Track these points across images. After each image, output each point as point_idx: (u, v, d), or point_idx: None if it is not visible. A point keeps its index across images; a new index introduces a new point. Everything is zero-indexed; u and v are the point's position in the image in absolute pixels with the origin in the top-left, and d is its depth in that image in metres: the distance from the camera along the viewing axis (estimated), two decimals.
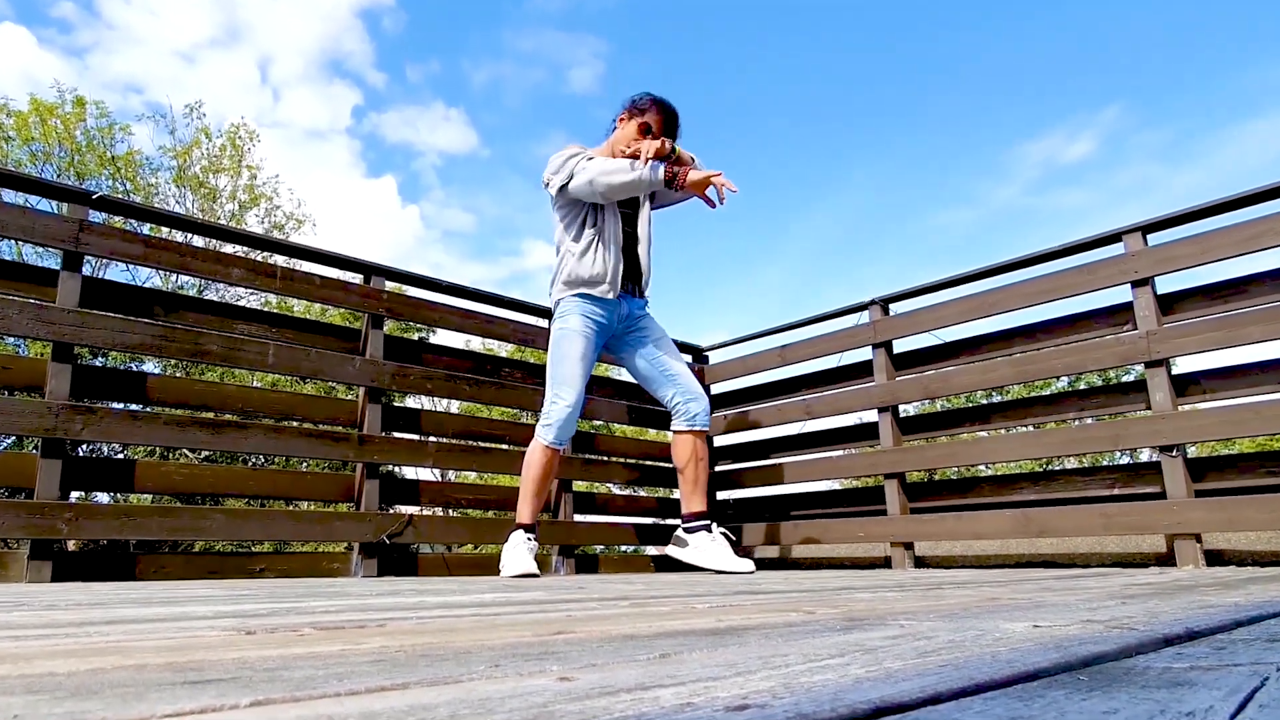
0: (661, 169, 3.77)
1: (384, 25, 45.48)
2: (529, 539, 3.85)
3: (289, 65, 40.31)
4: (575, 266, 3.97)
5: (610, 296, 3.97)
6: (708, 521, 4.05)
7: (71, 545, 12.46)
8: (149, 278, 18.05)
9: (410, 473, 15.94)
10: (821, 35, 54.89)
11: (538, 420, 4.00)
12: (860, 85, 53.69)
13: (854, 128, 53.89)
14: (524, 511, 3.91)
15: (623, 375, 4.86)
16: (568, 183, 3.92)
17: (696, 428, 4.08)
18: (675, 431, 4.15)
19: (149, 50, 33.12)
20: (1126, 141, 45.84)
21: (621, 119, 4.10)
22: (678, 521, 4.19)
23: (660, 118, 4.00)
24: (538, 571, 3.77)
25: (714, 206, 3.86)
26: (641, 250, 4.16)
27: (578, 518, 4.92)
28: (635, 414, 5.29)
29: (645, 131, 3.98)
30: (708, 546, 3.97)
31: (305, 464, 14.62)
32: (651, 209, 4.23)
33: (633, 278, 4.14)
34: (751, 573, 3.87)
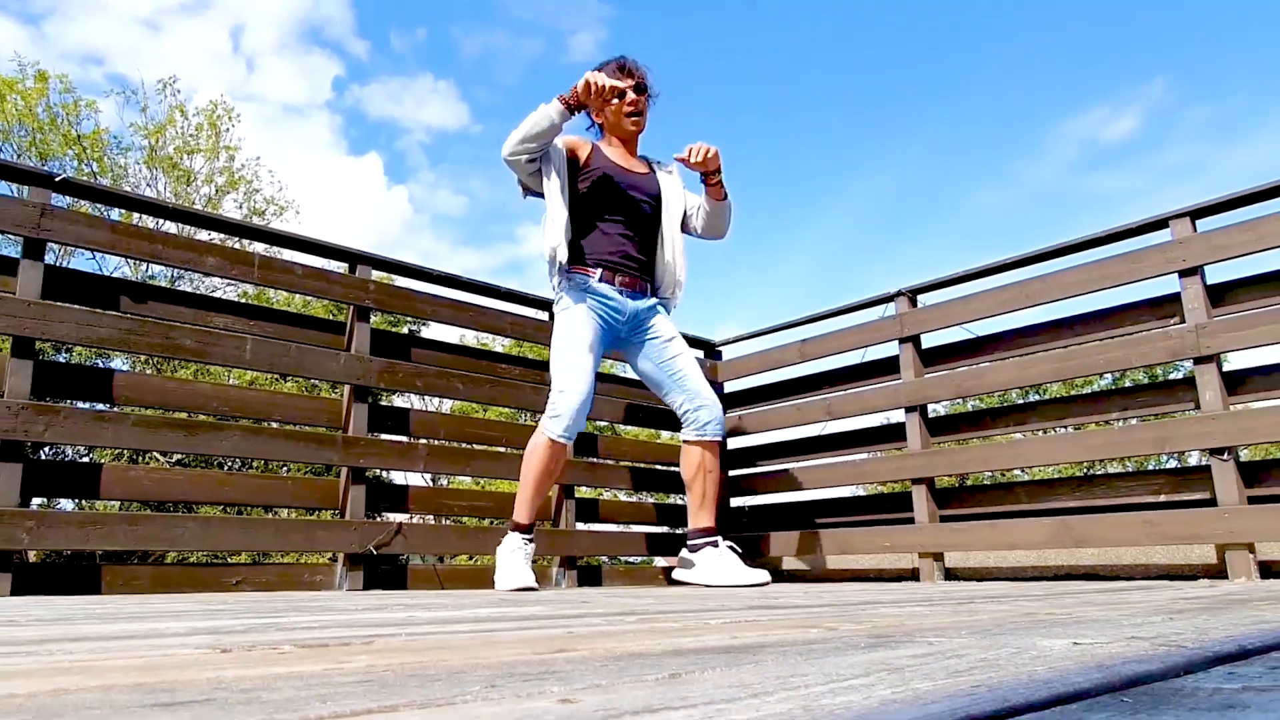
0: (555, 99, 3.82)
1: None
2: (525, 543, 3.85)
3: (263, 33, 40.36)
4: (552, 240, 3.95)
5: (613, 289, 4.01)
6: (714, 537, 4.04)
7: (32, 556, 12.53)
8: (117, 267, 18.11)
9: (399, 477, 15.98)
10: (842, 3, 54.84)
11: (540, 419, 3.99)
12: (887, 60, 53.58)
13: (881, 105, 53.77)
14: (522, 511, 3.90)
15: (627, 371, 4.86)
16: (510, 160, 3.94)
17: (707, 438, 4.07)
18: (684, 441, 4.15)
19: (110, 17, 33.14)
20: (1173, 118, 45.75)
21: (597, 117, 4.20)
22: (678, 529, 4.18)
23: (614, 68, 4.07)
24: (535, 585, 3.76)
25: (687, 163, 4.04)
26: (665, 252, 4.18)
27: (580, 526, 4.92)
28: (641, 413, 5.29)
29: (622, 96, 4.02)
30: (715, 563, 3.97)
31: (286, 468, 14.66)
32: (688, 231, 4.33)
33: (645, 275, 4.17)
34: (766, 584, 3.89)
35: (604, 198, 4.05)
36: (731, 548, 4.00)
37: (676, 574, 4.19)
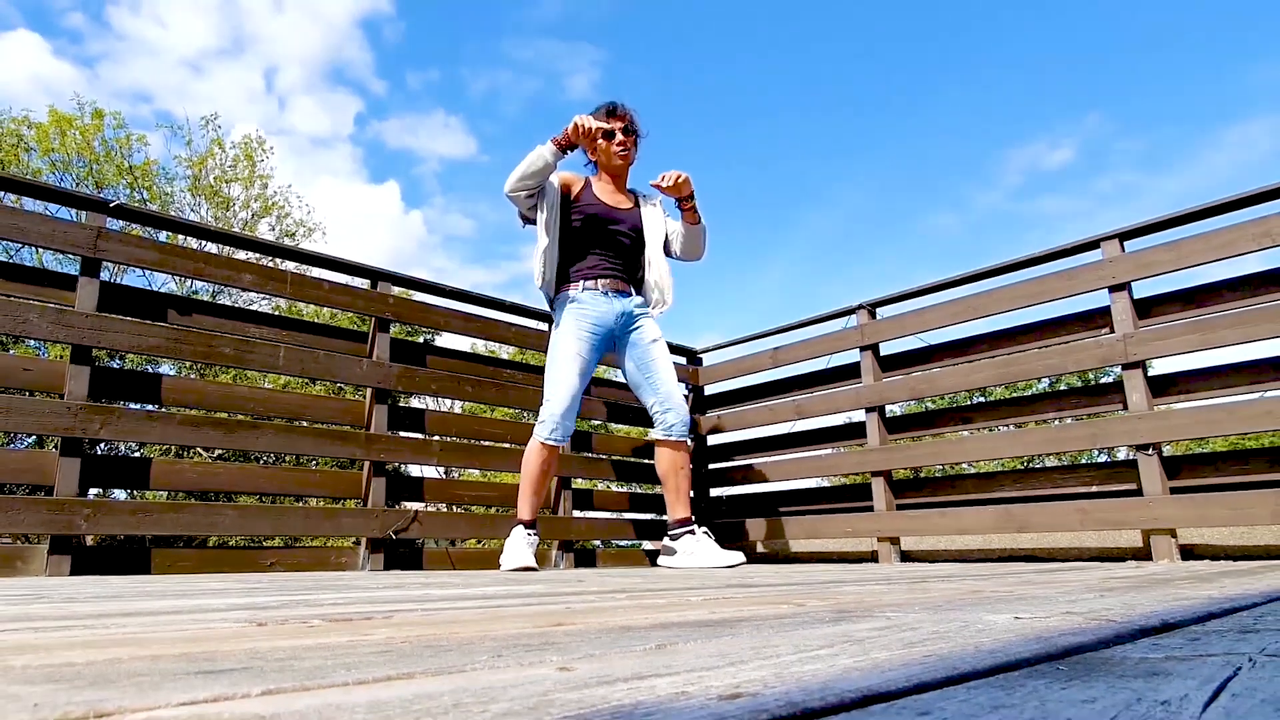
0: (549, 140, 3.87)
1: (384, 34, 45.46)
2: (530, 534, 3.86)
3: (293, 74, 40.29)
4: (555, 266, 4.04)
5: (597, 293, 4.03)
6: (691, 526, 4.05)
7: (90, 540, 12.44)
8: (164, 283, 18.03)
9: (416, 470, 15.96)
10: (814, 43, 54.95)
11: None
12: (855, 91, 53.78)
13: (849, 132, 53.97)
14: (524, 508, 3.92)
15: (616, 375, 4.86)
16: (510, 195, 3.97)
17: (672, 438, 4.07)
18: (655, 441, 4.15)
19: (158, 60, 33.11)
20: (1106, 148, 45.90)
21: (591, 155, 4.22)
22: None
23: (604, 114, 4.13)
24: (535, 566, 3.78)
25: (662, 190, 4.06)
26: (650, 274, 4.20)
27: (576, 514, 4.92)
28: (630, 413, 5.28)
29: (610, 137, 4.10)
30: (694, 548, 3.98)
31: (314, 462, 14.60)
32: (671, 254, 4.35)
33: (629, 278, 4.18)
34: (741, 564, 3.91)
35: (590, 231, 4.08)
36: (706, 533, 4.01)
37: (661, 560, 4.18)
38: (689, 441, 4.14)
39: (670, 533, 4.08)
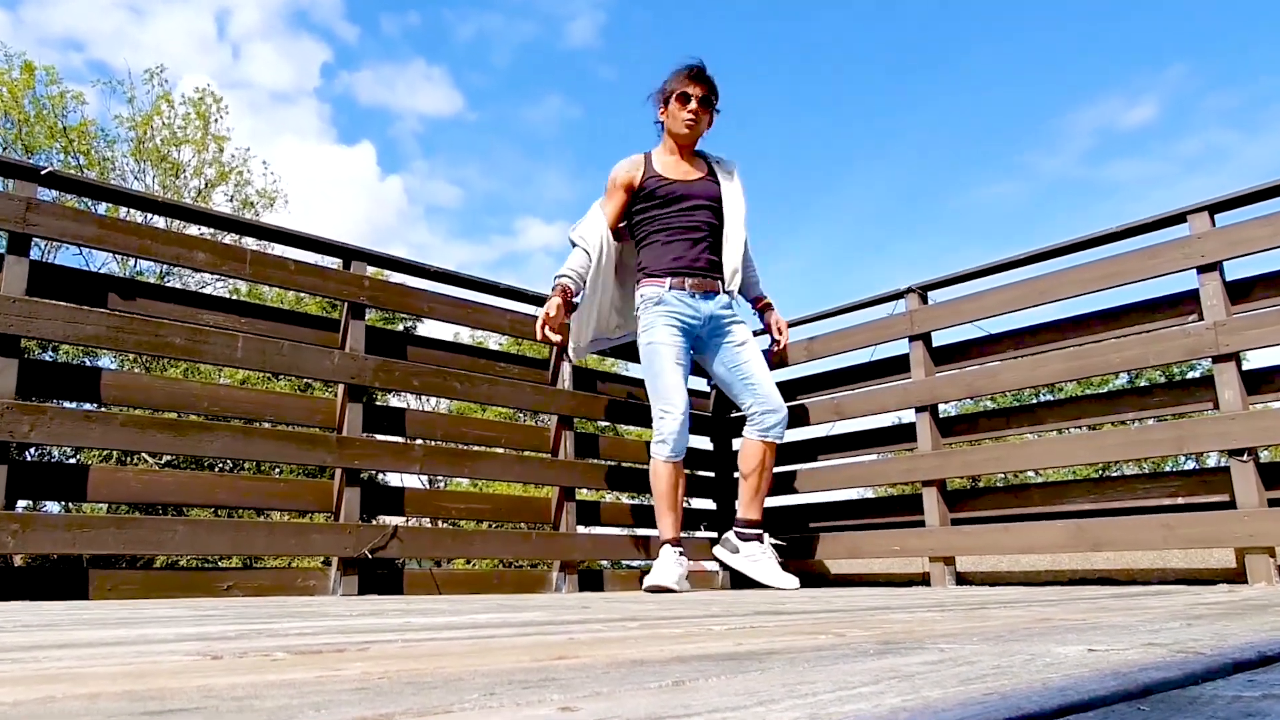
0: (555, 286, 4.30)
1: None
2: (678, 554, 4.18)
3: (249, 17, 40.29)
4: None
5: (684, 295, 4.28)
6: (761, 532, 4.37)
7: (18, 560, 12.53)
8: (105, 263, 18.12)
9: (395, 479, 15.99)
10: None
11: (651, 443, 4.35)
12: (897, 38, 53.50)
13: (890, 88, 53.70)
14: (666, 528, 4.25)
15: (628, 369, 4.86)
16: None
17: (769, 439, 4.36)
18: (746, 437, 4.43)
19: (90, 1, 33.00)
20: (1193, 105, 45.61)
21: (661, 114, 4.43)
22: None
23: (685, 75, 4.32)
24: (676, 588, 4.05)
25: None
26: (727, 249, 4.43)
27: (581, 529, 4.92)
28: (631, 412, 5.28)
29: (684, 101, 4.31)
30: (759, 557, 4.31)
31: (278, 469, 14.65)
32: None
33: (715, 274, 4.41)
34: (796, 590, 4.11)
35: (660, 211, 4.34)
36: (775, 545, 4.26)
37: (718, 553, 4.54)
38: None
39: (739, 530, 4.40)
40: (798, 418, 5.37)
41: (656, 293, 4.28)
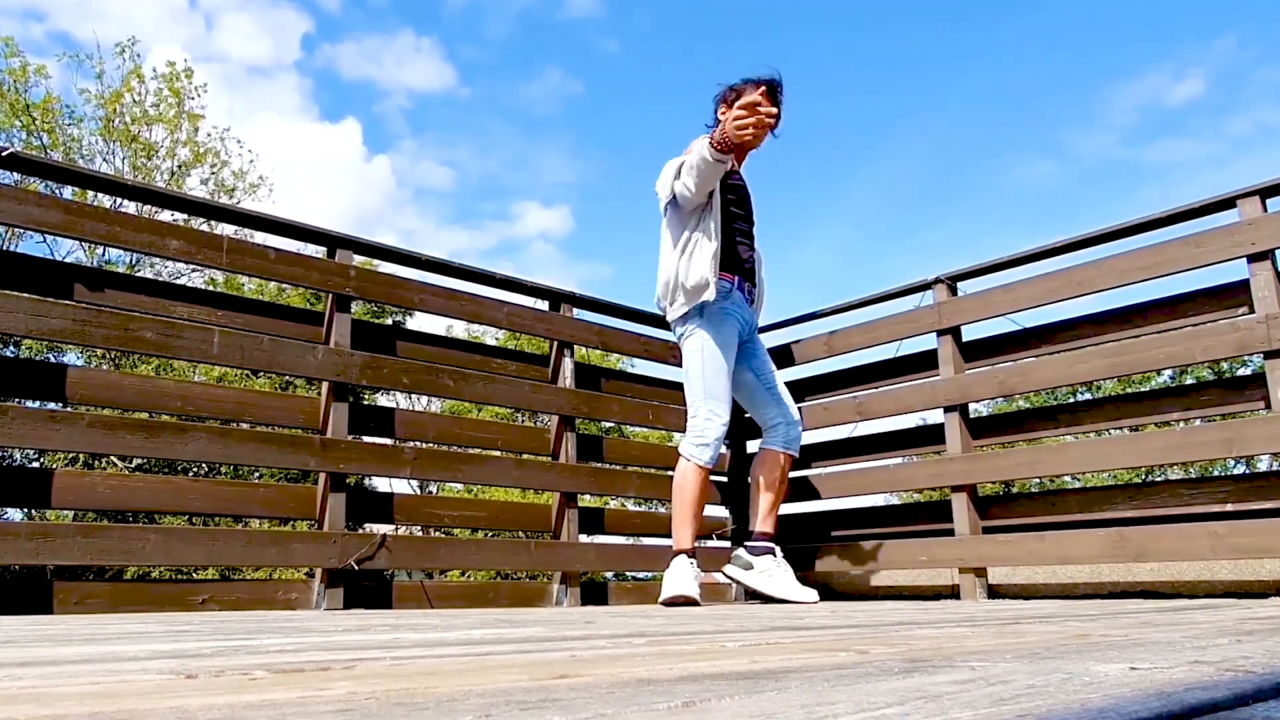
0: (705, 138, 3.97)
1: None
2: (694, 564, 4.18)
3: None
4: (706, 271, 4.20)
5: (744, 299, 4.41)
6: (773, 545, 4.40)
7: None
8: (70, 251, 18.14)
9: (383, 484, 16.01)
10: None
11: (685, 437, 4.34)
12: (922, 16, 53.35)
13: (916, 62, 53.56)
14: (683, 537, 4.24)
15: (637, 368, 4.86)
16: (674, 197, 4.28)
17: (790, 451, 4.52)
18: (765, 447, 4.55)
19: None
20: (1243, 80, 45.42)
21: (722, 113, 4.39)
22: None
23: (763, 90, 4.13)
24: (697, 599, 4.06)
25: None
26: (758, 258, 4.62)
27: (584, 539, 4.92)
28: (651, 414, 5.28)
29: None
30: (774, 571, 4.33)
31: (258, 474, 14.67)
32: None
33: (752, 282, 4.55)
34: (815, 603, 4.13)
35: (736, 206, 4.45)
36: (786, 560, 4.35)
37: (729, 571, 4.51)
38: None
39: (751, 545, 4.43)
40: (815, 418, 5.37)
41: (729, 286, 4.34)
